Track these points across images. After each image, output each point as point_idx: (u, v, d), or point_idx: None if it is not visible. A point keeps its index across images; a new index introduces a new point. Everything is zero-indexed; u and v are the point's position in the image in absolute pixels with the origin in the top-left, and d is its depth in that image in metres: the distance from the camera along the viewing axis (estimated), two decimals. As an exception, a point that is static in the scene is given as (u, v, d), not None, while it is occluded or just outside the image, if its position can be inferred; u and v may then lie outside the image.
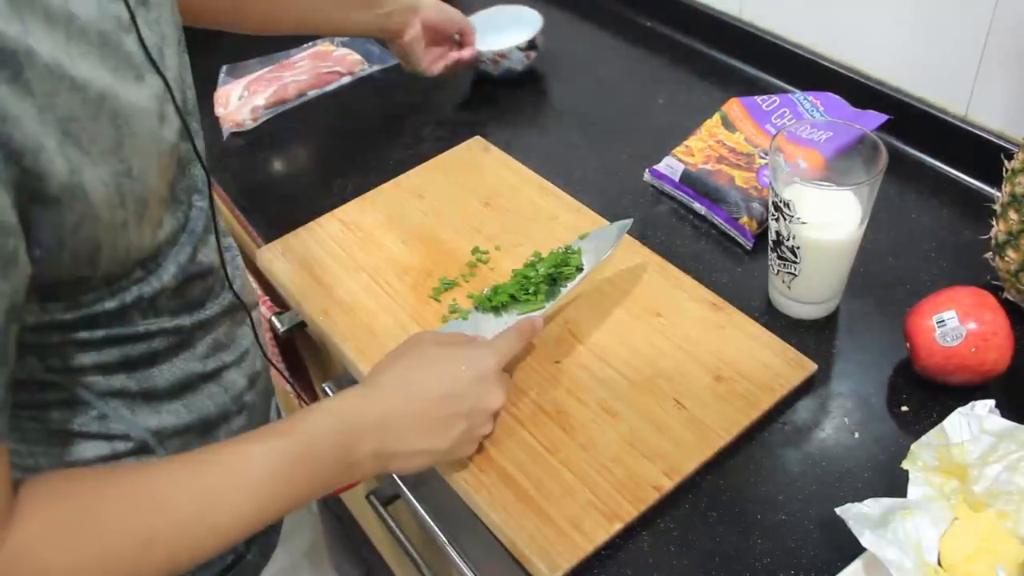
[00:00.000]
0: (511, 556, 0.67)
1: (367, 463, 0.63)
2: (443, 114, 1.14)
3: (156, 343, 0.61)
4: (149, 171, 0.53)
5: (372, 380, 0.67)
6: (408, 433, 0.64)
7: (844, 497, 0.66)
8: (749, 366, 0.75)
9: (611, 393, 0.75)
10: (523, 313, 0.78)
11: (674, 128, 1.03)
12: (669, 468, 0.69)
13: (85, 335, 0.57)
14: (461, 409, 0.67)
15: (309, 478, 0.59)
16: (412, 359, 0.68)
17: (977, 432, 0.61)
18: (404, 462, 0.65)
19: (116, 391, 0.60)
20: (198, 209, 0.63)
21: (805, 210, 0.73)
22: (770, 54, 1.11)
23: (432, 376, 0.67)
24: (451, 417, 0.66)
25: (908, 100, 0.97)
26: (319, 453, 0.59)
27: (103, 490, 0.52)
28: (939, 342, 0.70)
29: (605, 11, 1.30)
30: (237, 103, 1.15)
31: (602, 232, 0.84)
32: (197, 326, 0.65)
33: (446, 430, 0.66)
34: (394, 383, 0.66)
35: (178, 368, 0.64)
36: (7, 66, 0.43)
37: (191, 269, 0.62)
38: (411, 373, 0.67)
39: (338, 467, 0.61)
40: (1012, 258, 0.75)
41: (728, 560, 0.65)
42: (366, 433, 0.62)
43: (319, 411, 0.62)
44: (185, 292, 0.63)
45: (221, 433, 0.69)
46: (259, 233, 0.97)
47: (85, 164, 0.48)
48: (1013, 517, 0.61)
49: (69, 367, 0.57)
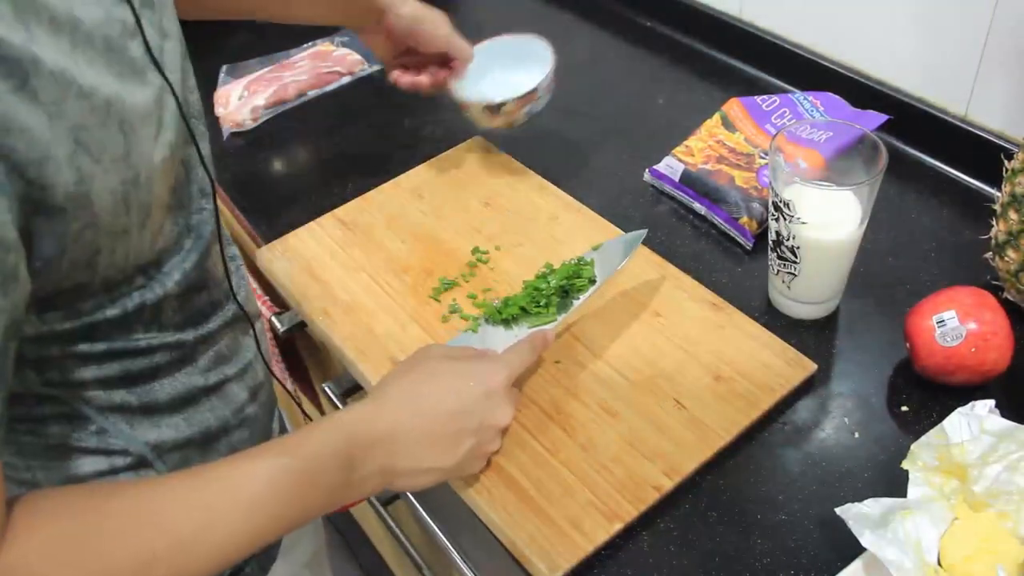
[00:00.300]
0: (511, 556, 0.67)
1: (373, 480, 0.61)
2: (443, 114, 1.14)
3: (157, 358, 0.60)
4: (154, 177, 0.53)
5: (379, 393, 0.65)
6: (416, 449, 0.63)
7: (844, 497, 0.66)
8: (749, 366, 0.75)
9: (611, 393, 0.75)
10: (534, 326, 0.77)
11: (674, 128, 1.03)
12: (669, 468, 0.69)
13: (85, 348, 0.56)
14: (470, 425, 0.65)
15: (313, 496, 0.57)
16: (420, 373, 0.67)
17: (977, 432, 0.60)
18: (411, 479, 0.64)
19: (116, 406, 0.60)
20: (205, 214, 0.62)
21: (805, 210, 0.73)
22: (770, 54, 1.11)
23: (441, 391, 0.65)
24: (459, 433, 0.65)
25: (908, 100, 0.97)
26: (324, 471, 0.58)
27: (104, 507, 0.51)
28: (939, 342, 0.70)
29: (605, 11, 1.30)
30: (237, 103, 1.15)
31: (615, 243, 0.82)
32: (200, 340, 0.64)
33: (454, 447, 0.65)
34: (401, 397, 0.64)
35: (179, 382, 0.63)
36: (13, 75, 0.42)
37: (194, 277, 0.61)
38: (419, 387, 0.65)
39: (343, 484, 0.59)
40: (1012, 258, 0.75)
41: (728, 560, 0.65)
42: (372, 449, 0.60)
43: (324, 426, 0.60)
44: (188, 303, 0.62)
45: (222, 446, 0.68)
46: (259, 233, 0.97)
47: (96, 173, 0.47)
48: (1013, 517, 0.61)
49: (68, 381, 0.57)
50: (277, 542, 0.76)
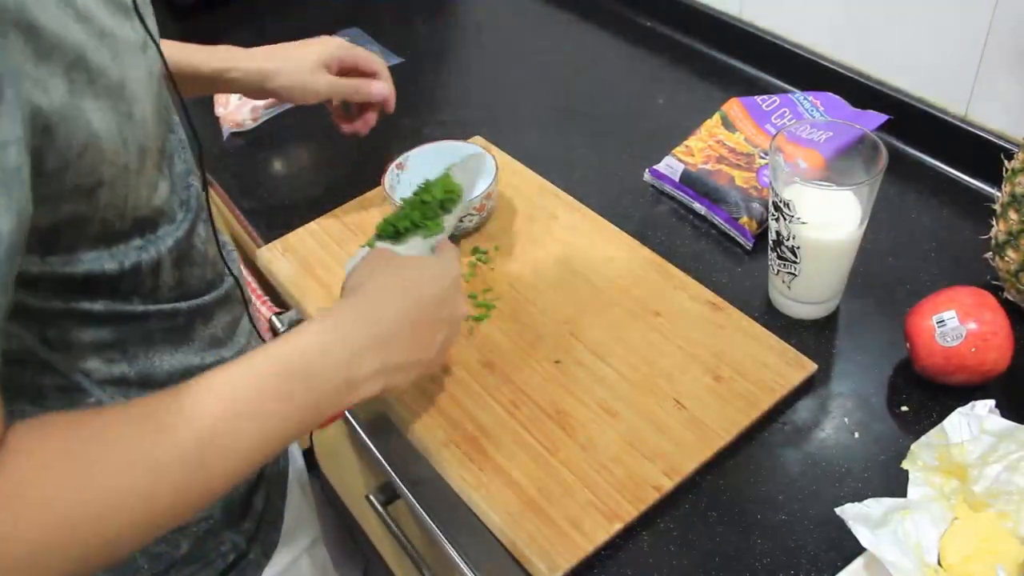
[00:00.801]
0: (511, 556, 0.67)
1: (370, 382, 0.61)
2: (443, 114, 1.14)
3: (153, 324, 0.61)
4: (147, 118, 0.54)
5: (357, 295, 0.65)
6: (406, 343, 0.63)
7: (844, 497, 0.66)
8: (749, 366, 0.75)
9: (611, 393, 0.75)
10: (426, 238, 0.77)
11: (674, 128, 1.03)
12: (669, 468, 0.69)
13: (85, 305, 0.56)
14: (444, 315, 0.66)
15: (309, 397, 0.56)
16: (391, 270, 0.67)
17: (977, 432, 0.61)
18: (402, 376, 0.64)
19: (115, 379, 0.60)
20: (192, 191, 0.64)
21: (805, 210, 0.73)
22: (770, 54, 1.11)
23: (417, 281, 0.66)
24: (438, 323, 0.66)
25: (908, 100, 0.97)
26: (320, 372, 0.57)
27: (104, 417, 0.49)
28: (939, 342, 0.70)
29: (605, 11, 1.30)
30: (237, 103, 1.15)
31: (467, 163, 0.84)
32: (194, 312, 0.64)
33: (433, 335, 0.66)
34: (383, 295, 0.64)
35: (176, 360, 0.64)
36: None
37: (186, 248, 0.62)
38: (394, 281, 0.66)
39: (339, 388, 0.59)
40: (1012, 258, 0.75)
41: (728, 560, 0.65)
42: (366, 350, 0.60)
43: (314, 329, 0.59)
44: (181, 276, 0.62)
45: None
46: (259, 233, 0.97)
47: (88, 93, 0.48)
48: (1013, 517, 0.61)
49: (67, 343, 0.57)
50: (279, 528, 0.77)
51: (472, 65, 1.26)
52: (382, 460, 0.86)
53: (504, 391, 0.76)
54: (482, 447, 0.72)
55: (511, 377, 0.77)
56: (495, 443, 0.72)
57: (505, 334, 0.81)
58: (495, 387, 0.76)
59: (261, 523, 0.74)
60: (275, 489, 0.77)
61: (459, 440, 0.73)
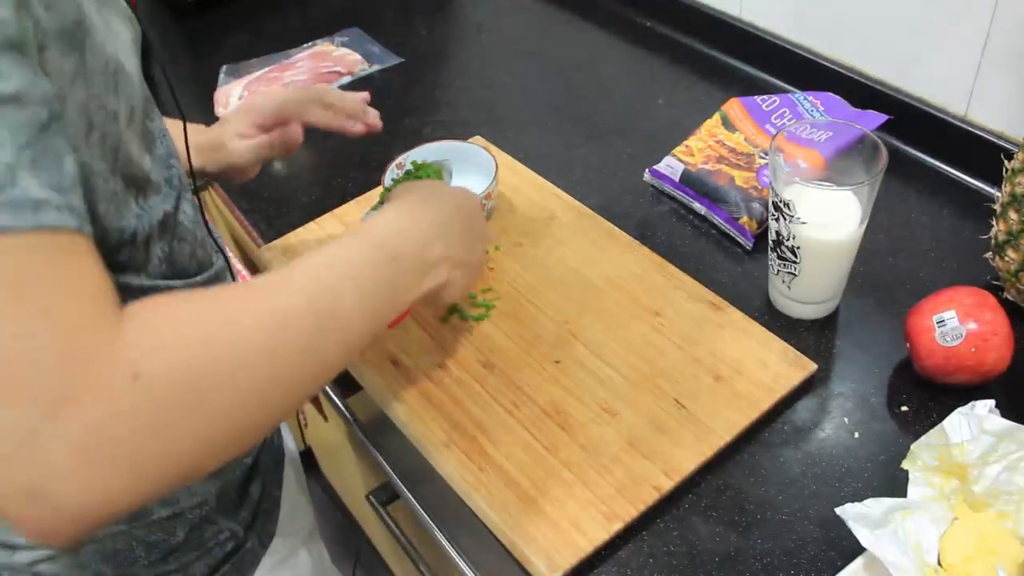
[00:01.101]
0: (511, 556, 0.67)
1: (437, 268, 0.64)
2: (443, 114, 1.14)
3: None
4: (133, 75, 0.56)
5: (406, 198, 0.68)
6: (459, 237, 0.67)
7: (844, 497, 0.66)
8: (749, 366, 0.75)
9: (611, 393, 0.75)
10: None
11: (674, 128, 1.03)
12: (669, 468, 0.69)
13: None
14: (480, 228, 0.71)
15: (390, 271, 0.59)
16: (429, 184, 0.73)
17: (977, 432, 0.61)
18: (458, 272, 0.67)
19: None
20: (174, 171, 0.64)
21: (805, 210, 0.73)
22: (770, 54, 1.11)
23: (454, 194, 0.71)
24: (479, 231, 0.71)
25: (908, 100, 0.97)
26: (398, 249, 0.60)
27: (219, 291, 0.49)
28: (939, 342, 0.70)
29: (605, 11, 1.30)
30: (237, 103, 1.15)
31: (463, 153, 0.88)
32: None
33: (475, 241, 0.70)
34: (432, 195, 0.69)
35: None
36: None
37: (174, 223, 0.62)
38: (437, 190, 0.71)
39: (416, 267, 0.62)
40: (1012, 258, 0.75)
41: (728, 560, 0.65)
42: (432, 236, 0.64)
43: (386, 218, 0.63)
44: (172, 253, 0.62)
45: None
46: (259, 233, 0.97)
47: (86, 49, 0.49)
48: (1013, 517, 0.61)
49: None
50: (275, 518, 0.77)
51: (472, 65, 1.26)
52: (382, 460, 0.86)
53: (504, 391, 0.76)
54: (482, 447, 0.72)
55: (511, 377, 0.77)
56: (495, 443, 0.72)
57: (505, 334, 0.81)
58: (495, 387, 0.76)
59: (258, 512, 0.74)
60: (271, 478, 0.77)
61: (459, 440, 0.73)
